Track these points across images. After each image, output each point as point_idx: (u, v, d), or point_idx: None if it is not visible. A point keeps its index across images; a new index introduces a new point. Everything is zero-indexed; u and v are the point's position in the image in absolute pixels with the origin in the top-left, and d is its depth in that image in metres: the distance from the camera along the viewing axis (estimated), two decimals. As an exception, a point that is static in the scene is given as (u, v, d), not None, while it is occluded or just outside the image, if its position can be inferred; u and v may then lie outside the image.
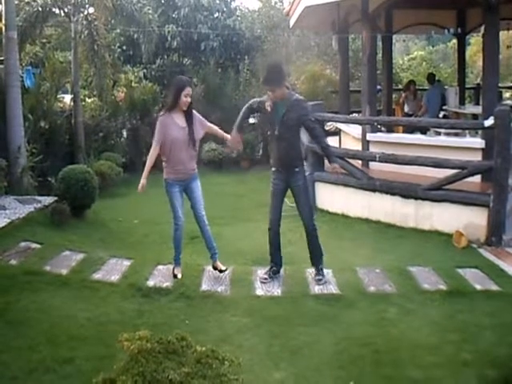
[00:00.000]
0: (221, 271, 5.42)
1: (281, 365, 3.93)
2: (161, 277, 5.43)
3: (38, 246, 6.13)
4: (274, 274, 5.42)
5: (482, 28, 7.56)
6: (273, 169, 5.44)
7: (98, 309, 4.79)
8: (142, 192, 5.40)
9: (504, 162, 6.49)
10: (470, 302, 4.96)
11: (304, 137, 9.06)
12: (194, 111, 5.30)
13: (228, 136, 5.48)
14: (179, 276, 5.37)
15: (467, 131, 8.85)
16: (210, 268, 5.66)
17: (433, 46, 37.13)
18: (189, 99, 5.14)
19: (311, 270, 5.57)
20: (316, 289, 5.17)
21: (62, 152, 11.13)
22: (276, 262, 5.50)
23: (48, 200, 7.60)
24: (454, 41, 30.29)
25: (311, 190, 8.87)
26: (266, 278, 5.35)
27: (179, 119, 5.20)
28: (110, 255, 6.02)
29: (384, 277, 5.48)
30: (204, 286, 5.24)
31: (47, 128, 10.85)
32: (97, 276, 5.43)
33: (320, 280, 5.32)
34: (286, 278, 5.44)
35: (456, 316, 4.70)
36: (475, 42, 26.73)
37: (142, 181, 5.35)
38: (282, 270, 5.57)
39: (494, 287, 5.31)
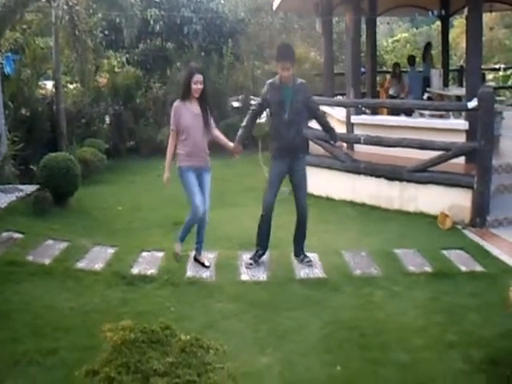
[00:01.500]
0: (203, 265, 5.33)
1: (267, 350, 3.92)
2: (145, 264, 5.37)
3: (21, 235, 6.03)
4: (258, 257, 5.40)
5: (466, 10, 7.51)
6: (275, 154, 5.32)
7: (81, 298, 4.74)
8: (168, 184, 5.27)
9: (487, 143, 6.50)
10: (455, 284, 4.99)
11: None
12: (207, 99, 5.19)
13: (230, 145, 5.36)
14: (180, 253, 5.38)
15: (451, 113, 8.86)
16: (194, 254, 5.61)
17: (416, 28, 37.02)
18: (199, 86, 5.02)
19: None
20: (302, 273, 5.16)
21: (44, 139, 10.97)
22: (263, 245, 5.46)
23: (30, 188, 7.48)
24: (438, 23, 30.29)
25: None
26: (251, 264, 5.33)
27: (192, 107, 5.11)
28: (93, 243, 5.95)
29: (369, 260, 5.48)
30: (189, 273, 5.20)
31: (28, 115, 10.69)
32: (80, 265, 5.36)
33: (310, 261, 5.34)
34: (272, 263, 5.42)
35: (441, 298, 4.72)
36: (458, 24, 26.65)
37: (167, 174, 5.24)
38: (267, 255, 5.54)
39: (479, 268, 5.35)
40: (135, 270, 5.23)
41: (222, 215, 7.07)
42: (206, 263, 5.35)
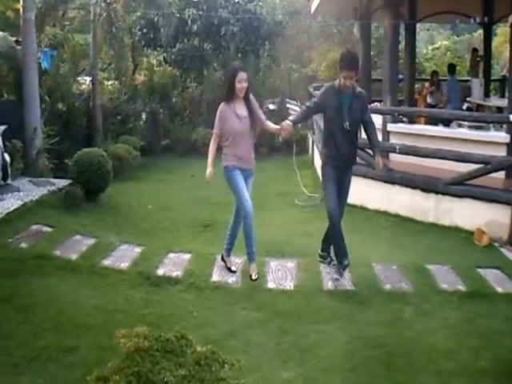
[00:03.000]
0: (250, 278, 5.09)
1: (289, 364, 3.79)
2: (171, 265, 5.31)
3: (50, 229, 6.06)
4: (344, 269, 5.07)
5: (510, 18, 7.24)
6: (327, 161, 5.12)
7: (105, 296, 4.71)
8: (211, 180, 5.12)
9: (530, 158, 6.24)
10: (490, 306, 4.76)
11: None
12: (252, 97, 5.09)
13: (277, 127, 5.14)
14: (234, 268, 5.20)
15: (491, 125, 8.57)
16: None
17: (457, 36, 36.31)
18: (244, 84, 4.91)
19: (325, 264, 5.40)
20: (330, 284, 5.01)
21: (80, 134, 11.10)
22: (344, 254, 5.05)
23: (62, 183, 7.53)
24: (480, 31, 29.64)
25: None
26: (337, 279, 5.03)
27: (239, 109, 5.00)
28: (121, 241, 5.93)
29: (401, 274, 5.29)
30: (215, 277, 5.11)
31: (65, 110, 10.80)
32: (106, 262, 5.34)
33: (335, 264, 5.16)
34: (300, 272, 5.27)
35: (475, 320, 4.50)
36: (501, 32, 26.03)
37: (209, 169, 5.11)
38: (294, 263, 5.42)
39: (516, 290, 5.10)
40: (160, 271, 5.17)
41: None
42: (253, 276, 5.12)
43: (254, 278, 5.08)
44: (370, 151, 5.54)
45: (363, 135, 5.30)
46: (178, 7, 14.71)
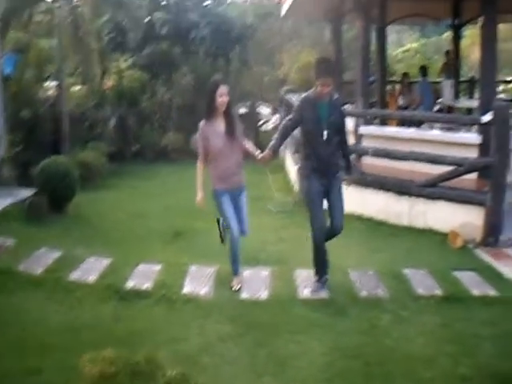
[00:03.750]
0: (231, 288, 5.00)
1: (265, 378, 3.65)
2: (141, 277, 5.12)
3: (13, 243, 5.82)
4: (324, 282, 4.98)
5: (480, 20, 7.25)
6: (309, 174, 4.91)
7: (71, 312, 4.52)
8: (203, 205, 4.98)
9: (502, 159, 6.23)
10: (468, 309, 4.70)
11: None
12: (234, 112, 4.95)
13: (258, 153, 4.94)
14: (236, 288, 4.96)
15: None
16: (193, 268, 5.37)
17: (426, 38, 36.80)
18: (225, 98, 4.73)
19: (300, 272, 5.30)
20: (305, 293, 4.89)
21: (46, 142, 10.82)
22: (324, 270, 5.01)
23: (26, 193, 7.29)
24: (448, 33, 30.04)
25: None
26: (317, 290, 4.91)
27: (220, 125, 4.82)
28: (89, 253, 5.72)
29: (377, 280, 5.20)
30: (186, 288, 4.94)
31: (30, 117, 10.50)
32: (73, 276, 5.14)
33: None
34: (274, 280, 5.14)
35: (453, 325, 4.43)
36: (469, 34, 26.42)
37: (200, 194, 4.93)
38: (268, 271, 5.29)
39: (492, 292, 5.05)
40: (130, 284, 4.98)
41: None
42: (236, 287, 5.00)
43: (234, 288, 4.95)
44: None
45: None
46: (147, 11, 14.49)
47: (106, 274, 5.17)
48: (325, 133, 4.73)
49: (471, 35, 24.70)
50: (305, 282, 5.08)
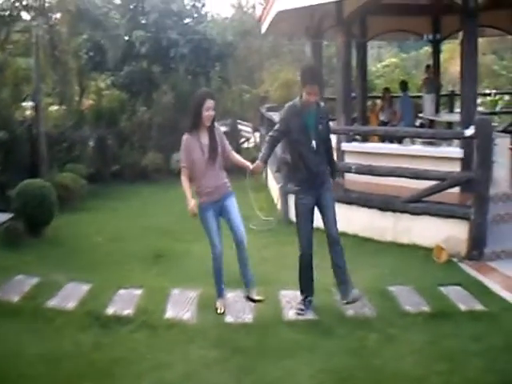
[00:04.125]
0: (254, 301, 4.92)
1: (252, 406, 3.53)
2: (122, 303, 4.96)
3: (-12, 269, 5.62)
4: (309, 303, 4.88)
5: (460, 34, 7.30)
6: (299, 188, 4.82)
7: (50, 342, 4.33)
8: (196, 210, 4.77)
9: (485, 172, 6.23)
10: (455, 325, 4.63)
11: (278, 148, 8.74)
12: (216, 125, 4.82)
13: (248, 164, 4.83)
14: (220, 311, 4.83)
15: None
16: (175, 292, 5.21)
17: (405, 53, 37.29)
18: (211, 113, 4.62)
19: (285, 293, 5.18)
20: (290, 314, 4.77)
21: (23, 164, 10.55)
22: (310, 291, 4.91)
23: (3, 217, 7.05)
24: (426, 48, 30.47)
25: (284, 203, 8.52)
26: (302, 310, 4.79)
27: (203, 137, 4.70)
28: (67, 278, 5.53)
29: (363, 298, 5.10)
30: (169, 313, 4.79)
31: (6, 138, 10.25)
32: (52, 303, 4.95)
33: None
34: (259, 302, 5.02)
35: (441, 342, 4.36)
36: (447, 48, 26.85)
37: (192, 201, 4.74)
38: (254, 293, 5.16)
39: (479, 307, 5.00)
40: (110, 310, 4.82)
41: (205, 248, 6.64)
42: (256, 297, 4.97)
43: (219, 311, 4.84)
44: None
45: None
46: (126, 29, 14.42)
47: (86, 301, 4.99)
48: (314, 142, 4.63)
49: (448, 50, 25.10)
50: (290, 303, 4.97)
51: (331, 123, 10.85)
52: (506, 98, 19.09)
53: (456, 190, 6.98)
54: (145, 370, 3.93)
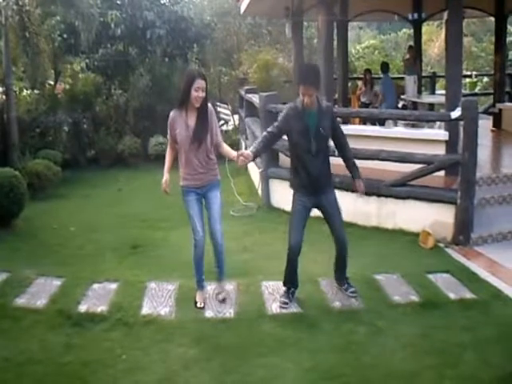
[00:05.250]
0: (218, 299, 4.69)
1: (235, 409, 3.30)
2: (95, 299, 4.68)
3: (-48, 265, 5.28)
4: (293, 295, 4.69)
5: (445, 14, 7.06)
6: (298, 190, 4.60)
7: (18, 345, 4.03)
8: (167, 188, 4.62)
9: (472, 156, 6.04)
10: (446, 315, 4.46)
11: (258, 132, 8.47)
12: (211, 109, 4.50)
13: (234, 153, 4.51)
14: (200, 305, 4.59)
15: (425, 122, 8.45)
16: (152, 285, 4.95)
17: (383, 35, 37.08)
18: (201, 94, 4.30)
19: (267, 284, 4.95)
20: (274, 307, 4.54)
21: (-7, 151, 10.14)
22: (294, 283, 4.74)
23: (-31, 209, 6.70)
24: (405, 30, 30.29)
25: (265, 188, 8.27)
26: (286, 303, 4.58)
27: (191, 118, 4.42)
28: (37, 273, 5.20)
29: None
30: (145, 309, 4.52)
31: (-26, 125, 9.83)
32: (20, 301, 4.64)
33: (354, 292, 4.76)
34: (240, 295, 4.78)
35: (432, 334, 4.18)
36: (426, 30, 26.70)
37: (165, 175, 4.61)
38: (233, 285, 4.92)
39: (469, 295, 4.85)
40: (83, 307, 4.53)
41: (183, 236, 6.37)
42: (220, 297, 4.70)
43: (199, 305, 4.60)
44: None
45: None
46: (100, 10, 13.85)
47: (57, 298, 4.69)
48: (313, 144, 4.39)
49: (427, 32, 24.96)
50: (273, 294, 4.75)
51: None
52: (485, 79, 19.06)
53: (441, 173, 6.81)
54: (120, 372, 3.68)
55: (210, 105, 4.51)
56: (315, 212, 5.12)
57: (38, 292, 4.80)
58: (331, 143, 4.69)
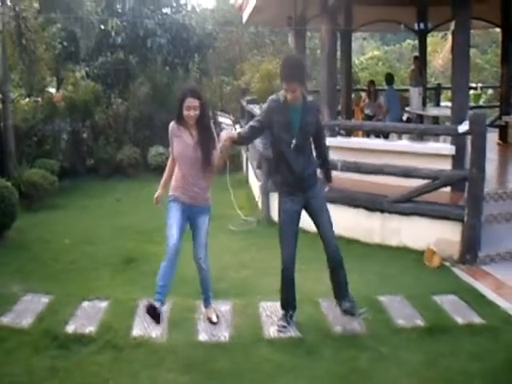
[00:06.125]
0: (211, 322, 4.43)
1: None
2: (84, 318, 4.45)
3: None
4: (291, 318, 4.41)
5: (452, 25, 6.87)
6: (283, 190, 4.33)
7: (1, 368, 3.79)
8: (158, 203, 4.44)
9: (480, 171, 5.83)
10: (453, 342, 4.21)
11: (258, 143, 8.27)
12: (211, 128, 4.26)
13: (218, 151, 4.21)
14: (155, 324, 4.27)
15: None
16: (145, 303, 4.68)
17: (387, 46, 37.01)
18: (192, 113, 4.08)
19: (265, 305, 4.72)
20: (271, 331, 4.30)
21: (-11, 160, 9.95)
22: (292, 306, 4.45)
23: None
24: (409, 41, 30.20)
25: (265, 202, 8.07)
26: (284, 326, 4.32)
27: (187, 134, 4.20)
28: (25, 290, 4.99)
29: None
30: (136, 330, 4.29)
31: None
32: (5, 320, 4.42)
33: (364, 313, 4.45)
34: (236, 317, 4.54)
35: (438, 362, 3.94)
36: (430, 41, 26.63)
37: (159, 190, 4.47)
38: (229, 305, 4.69)
39: (477, 319, 4.60)
40: (70, 328, 4.29)
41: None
42: (214, 319, 4.44)
43: (214, 320, 4.43)
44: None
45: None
46: (101, 17, 13.74)
47: (44, 316, 4.46)
48: (294, 140, 4.13)
49: (431, 43, 24.85)
50: (271, 317, 4.51)
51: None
52: (489, 91, 18.88)
53: (446, 188, 6.59)
54: (105, 400, 3.45)
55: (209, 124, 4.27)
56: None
57: (25, 310, 4.57)
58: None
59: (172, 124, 4.29)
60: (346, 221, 6.96)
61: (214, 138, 4.28)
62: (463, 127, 5.87)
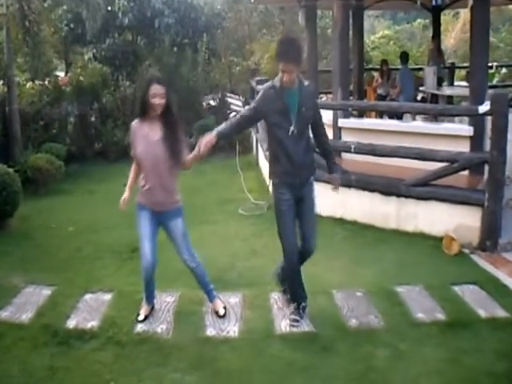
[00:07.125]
0: (218, 315, 4.21)
1: None
2: (86, 312, 4.25)
3: None
4: (303, 310, 4.19)
5: (470, 0, 6.48)
6: (279, 181, 4.06)
7: (-3, 365, 3.62)
8: (124, 207, 4.13)
9: (501, 154, 5.50)
10: (476, 338, 3.96)
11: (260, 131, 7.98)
12: (175, 119, 3.94)
13: (195, 152, 3.87)
14: (141, 318, 4.16)
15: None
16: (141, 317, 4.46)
17: (398, 25, 36.28)
18: (158, 101, 3.78)
19: (277, 296, 4.49)
20: (283, 325, 4.07)
21: (-5, 144, 9.78)
22: (302, 297, 4.22)
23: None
24: (420, 20, 29.47)
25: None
26: (297, 320, 4.10)
27: (153, 129, 3.87)
28: (27, 281, 4.80)
29: (367, 303, 4.42)
30: (140, 325, 4.08)
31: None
32: (4, 314, 4.24)
33: (295, 321, 4.17)
34: (246, 310, 4.31)
35: (460, 359, 3.69)
36: (442, 20, 25.95)
37: (125, 193, 4.16)
38: (239, 298, 4.47)
39: (501, 312, 4.33)
40: (72, 322, 4.10)
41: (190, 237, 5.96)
42: (221, 312, 4.23)
43: (138, 319, 4.18)
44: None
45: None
46: (108, -2, 13.48)
47: (44, 310, 4.27)
48: (292, 127, 3.86)
49: (443, 21, 24.16)
50: (282, 310, 4.27)
51: (324, 97, 10.16)
52: (503, 70, 18.34)
53: (464, 172, 6.28)
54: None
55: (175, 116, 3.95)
56: (333, 212, 4.54)
57: (25, 303, 4.39)
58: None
59: (133, 123, 3.96)
60: (361, 206, 6.71)
61: (181, 138, 3.97)
62: (484, 107, 5.54)
